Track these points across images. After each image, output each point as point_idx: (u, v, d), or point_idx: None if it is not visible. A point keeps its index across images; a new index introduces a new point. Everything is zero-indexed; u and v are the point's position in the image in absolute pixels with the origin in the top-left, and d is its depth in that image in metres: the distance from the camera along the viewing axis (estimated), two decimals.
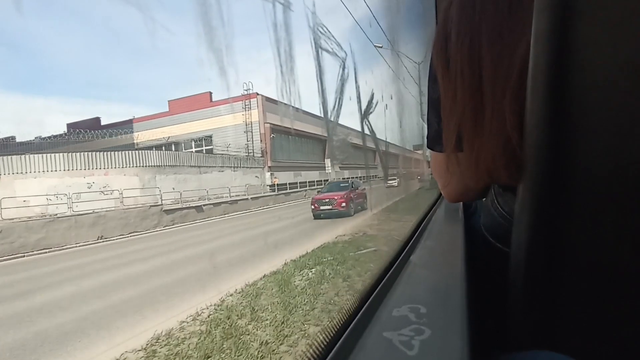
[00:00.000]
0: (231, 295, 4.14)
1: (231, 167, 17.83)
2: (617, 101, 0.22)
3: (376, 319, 0.32)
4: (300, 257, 5.61)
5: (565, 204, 0.25)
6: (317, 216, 10.74)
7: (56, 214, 10.64)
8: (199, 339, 3.10)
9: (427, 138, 0.46)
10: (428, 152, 0.53)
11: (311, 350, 0.30)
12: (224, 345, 2.94)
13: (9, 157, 12.06)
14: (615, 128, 0.22)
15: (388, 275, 0.46)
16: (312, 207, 10.88)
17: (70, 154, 12.90)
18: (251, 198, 16.61)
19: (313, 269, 4.82)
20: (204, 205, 14.25)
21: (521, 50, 0.31)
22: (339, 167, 21.88)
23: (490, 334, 0.39)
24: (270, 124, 21.26)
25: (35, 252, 9.05)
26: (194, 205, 13.99)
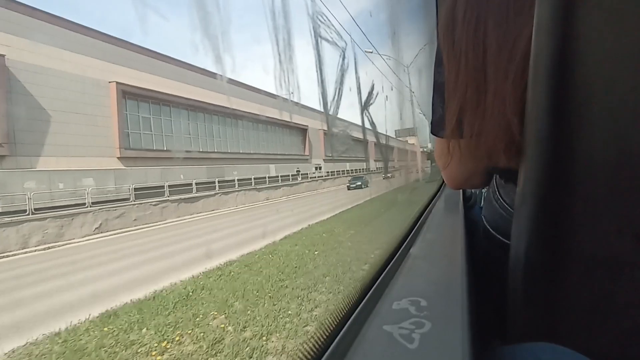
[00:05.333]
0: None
1: None
2: (619, 91, 0.22)
3: (376, 312, 0.32)
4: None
5: (566, 195, 0.25)
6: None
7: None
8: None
9: (431, 123, 0.46)
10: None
11: (310, 344, 0.29)
12: None
13: None
14: (617, 119, 0.22)
15: (388, 268, 0.45)
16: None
17: None
18: None
19: None
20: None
21: (527, 33, 0.31)
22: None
23: (490, 326, 0.39)
24: None
25: None
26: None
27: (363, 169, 35.19)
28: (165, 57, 17.41)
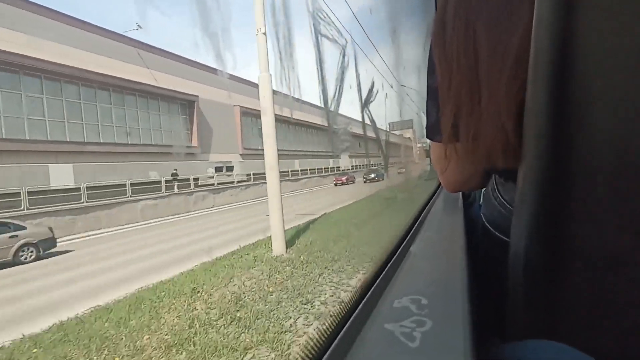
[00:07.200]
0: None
1: None
2: (619, 90, 0.22)
3: (377, 311, 0.32)
4: None
5: (565, 194, 0.25)
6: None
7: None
8: None
9: (426, 128, 0.46)
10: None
11: (312, 343, 0.29)
12: None
13: None
14: (617, 117, 0.22)
15: (388, 266, 0.45)
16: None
17: None
18: None
19: None
20: None
21: (518, 35, 0.31)
22: None
23: (489, 324, 0.39)
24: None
25: None
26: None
27: (329, 167, 27.45)
28: None
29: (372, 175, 25.19)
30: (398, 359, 0.24)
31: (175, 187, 14.86)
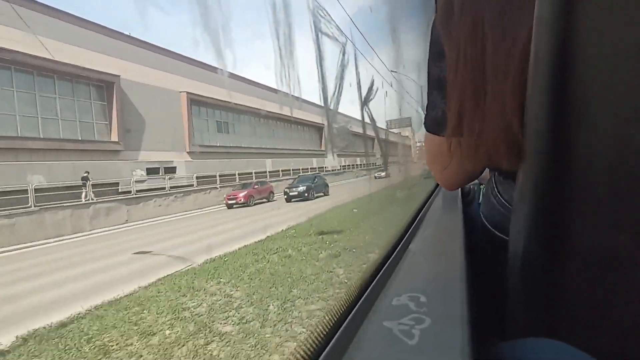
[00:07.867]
0: None
1: None
2: (619, 90, 0.22)
3: (376, 308, 0.32)
4: None
5: (564, 193, 0.25)
6: None
7: None
8: None
9: (428, 120, 0.44)
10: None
11: (310, 341, 0.29)
12: None
13: None
14: (617, 117, 0.22)
15: (387, 264, 0.45)
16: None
17: None
18: None
19: None
20: None
21: (524, 32, 0.30)
22: None
23: (488, 323, 0.39)
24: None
25: None
26: None
27: (311, 168, 22.44)
28: None
29: (300, 189, 13.44)
30: (397, 356, 0.24)
31: (85, 194, 10.78)
